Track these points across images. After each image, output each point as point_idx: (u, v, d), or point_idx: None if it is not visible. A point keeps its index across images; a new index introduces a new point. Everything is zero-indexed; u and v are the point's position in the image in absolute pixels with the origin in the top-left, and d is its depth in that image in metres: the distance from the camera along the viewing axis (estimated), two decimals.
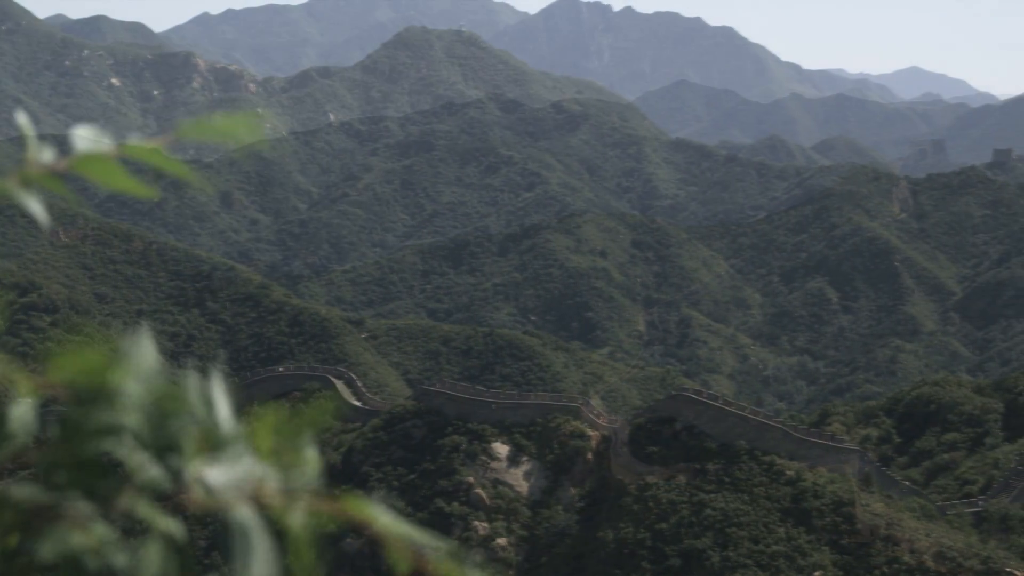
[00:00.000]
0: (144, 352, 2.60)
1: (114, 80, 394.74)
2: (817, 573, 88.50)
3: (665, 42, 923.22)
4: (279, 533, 2.56)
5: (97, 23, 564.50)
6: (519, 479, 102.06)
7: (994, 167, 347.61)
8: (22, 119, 2.59)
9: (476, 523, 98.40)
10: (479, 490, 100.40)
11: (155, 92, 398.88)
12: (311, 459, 2.76)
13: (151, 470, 2.49)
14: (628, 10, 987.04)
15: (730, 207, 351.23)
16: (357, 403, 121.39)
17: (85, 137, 2.69)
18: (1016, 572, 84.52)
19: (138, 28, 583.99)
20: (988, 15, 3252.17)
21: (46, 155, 2.60)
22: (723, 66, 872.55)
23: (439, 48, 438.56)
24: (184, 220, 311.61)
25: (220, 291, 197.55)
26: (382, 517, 2.73)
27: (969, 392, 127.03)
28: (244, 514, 2.51)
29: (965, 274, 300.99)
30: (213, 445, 2.66)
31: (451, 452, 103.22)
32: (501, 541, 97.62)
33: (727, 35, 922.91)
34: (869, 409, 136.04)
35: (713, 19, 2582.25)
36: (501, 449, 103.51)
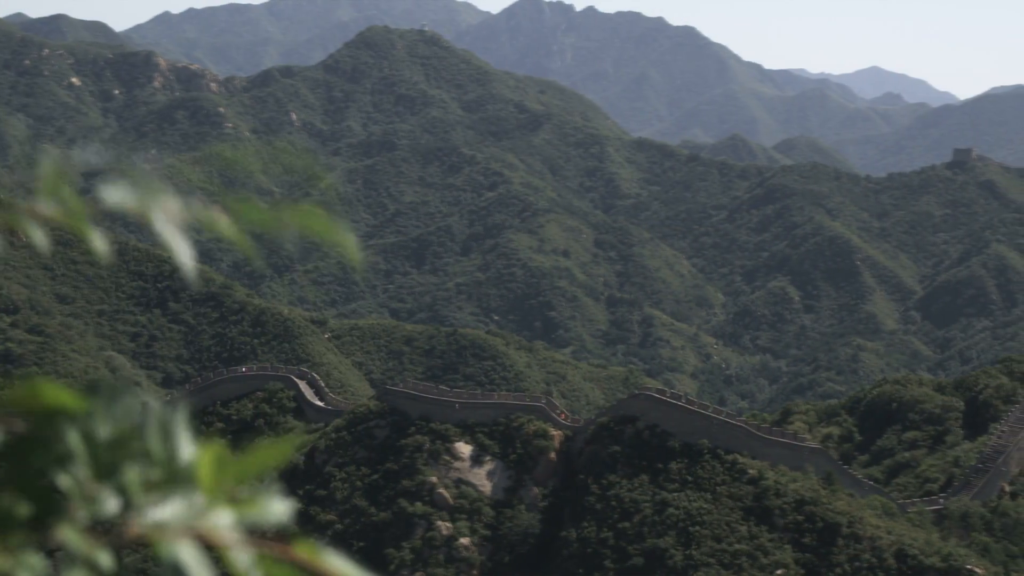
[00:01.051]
0: (108, 385, 2.59)
1: (74, 79, 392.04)
2: (779, 572, 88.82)
3: (627, 42, 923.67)
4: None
5: (57, 22, 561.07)
6: (482, 479, 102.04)
7: (954, 167, 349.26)
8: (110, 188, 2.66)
9: (439, 523, 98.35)
10: (442, 490, 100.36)
11: (116, 91, 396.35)
12: (271, 501, 2.69)
13: (94, 501, 2.45)
14: (590, 10, 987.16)
15: (692, 206, 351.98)
16: (320, 403, 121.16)
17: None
18: (976, 569, 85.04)
19: (98, 27, 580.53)
20: (948, 16, 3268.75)
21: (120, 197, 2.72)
22: (685, 66, 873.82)
23: (401, 48, 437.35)
24: (145, 220, 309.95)
25: (182, 291, 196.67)
26: (334, 564, 2.62)
27: (930, 390, 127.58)
28: (179, 550, 2.47)
29: (926, 273, 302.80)
30: (165, 480, 2.62)
31: (414, 452, 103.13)
32: (464, 541, 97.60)
33: (689, 35, 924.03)
34: (831, 408, 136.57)
35: (675, 19, 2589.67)
36: (464, 449, 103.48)
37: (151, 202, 2.93)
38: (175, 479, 2.64)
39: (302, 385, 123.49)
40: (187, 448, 2.69)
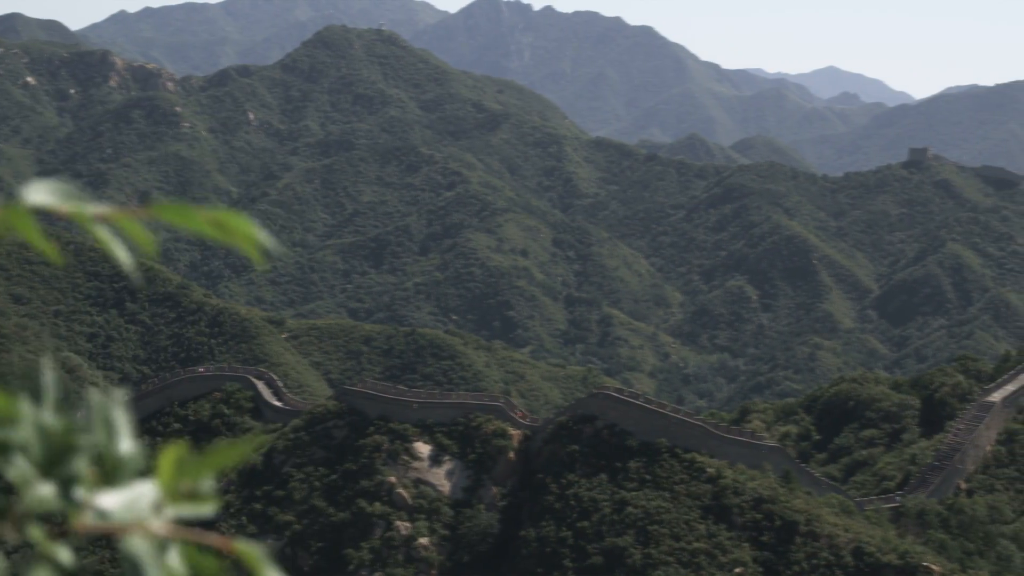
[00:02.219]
0: (48, 381, 2.56)
1: (29, 79, 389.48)
2: (738, 570, 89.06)
3: (585, 41, 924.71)
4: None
5: (12, 21, 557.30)
6: (441, 478, 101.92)
7: (910, 166, 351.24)
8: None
9: (398, 523, 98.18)
10: (401, 490, 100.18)
11: (72, 91, 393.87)
12: (209, 497, 2.71)
13: (43, 493, 2.45)
14: (548, 9, 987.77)
15: (650, 206, 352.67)
16: (278, 403, 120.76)
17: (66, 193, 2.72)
18: (933, 566, 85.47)
19: (54, 26, 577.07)
20: (904, 17, 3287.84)
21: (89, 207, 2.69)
22: (643, 65, 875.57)
23: (359, 47, 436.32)
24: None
25: (139, 291, 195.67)
26: (266, 570, 2.63)
27: (886, 389, 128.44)
28: (136, 544, 2.48)
29: (882, 272, 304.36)
30: (110, 472, 2.63)
31: (373, 452, 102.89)
32: (423, 541, 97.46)
33: (647, 34, 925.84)
34: (788, 406, 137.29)
35: (633, 19, 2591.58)
36: (423, 448, 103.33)
37: (75, 202, 2.85)
38: (120, 471, 2.64)
39: (260, 385, 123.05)
40: (127, 440, 2.71)
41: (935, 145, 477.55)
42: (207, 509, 2.70)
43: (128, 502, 2.57)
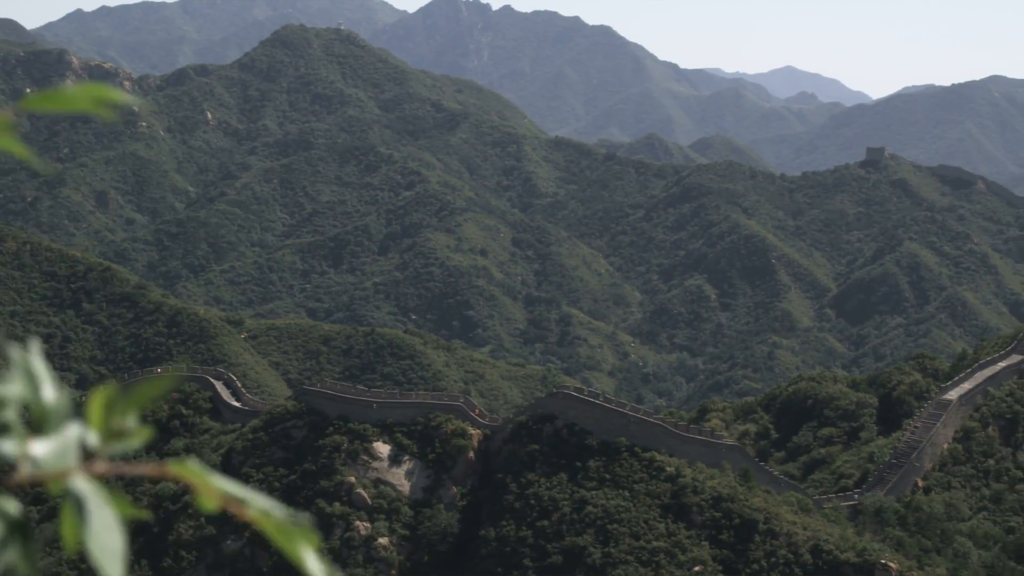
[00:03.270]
0: None
1: None
2: (697, 568, 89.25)
3: (544, 41, 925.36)
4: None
5: None
6: (401, 478, 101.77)
7: (867, 165, 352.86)
8: None
9: (358, 523, 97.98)
10: (360, 490, 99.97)
11: (28, 90, 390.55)
12: (139, 431, 2.75)
13: None
14: (507, 9, 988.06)
15: (609, 205, 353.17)
16: (236, 404, 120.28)
17: None
18: (891, 564, 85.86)
19: (10, 25, 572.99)
20: (861, 17, 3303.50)
21: None
22: (601, 65, 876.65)
23: (317, 46, 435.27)
24: (58, 220, 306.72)
25: (96, 292, 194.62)
26: (201, 472, 2.71)
27: (844, 387, 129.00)
28: (80, 485, 2.50)
29: (840, 271, 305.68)
30: (38, 420, 2.63)
31: (332, 452, 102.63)
32: (383, 541, 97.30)
33: (605, 34, 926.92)
34: (747, 405, 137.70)
35: (591, 18, 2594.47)
36: (382, 449, 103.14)
37: None
38: (50, 418, 2.65)
39: (218, 386, 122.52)
40: (49, 388, 2.71)
41: (892, 145, 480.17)
42: (135, 443, 2.75)
43: (60, 448, 2.58)
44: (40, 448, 2.57)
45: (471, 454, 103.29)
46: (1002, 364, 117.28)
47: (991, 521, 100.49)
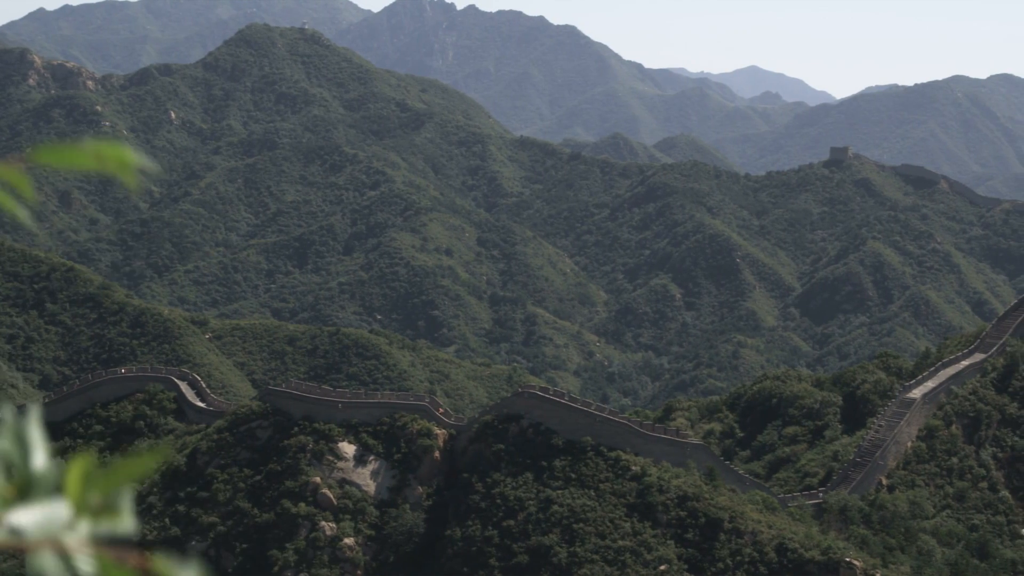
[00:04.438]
0: None
1: None
2: (663, 567, 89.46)
3: (509, 41, 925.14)
4: None
5: None
6: (366, 478, 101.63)
7: (831, 165, 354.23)
8: None
9: (323, 523, 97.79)
10: (326, 490, 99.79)
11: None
12: (125, 512, 2.65)
13: None
14: (471, 8, 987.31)
15: (574, 205, 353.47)
16: (201, 404, 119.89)
17: None
18: (855, 561, 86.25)
19: None
20: (824, 16, 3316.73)
21: None
22: (566, 65, 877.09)
23: (282, 46, 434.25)
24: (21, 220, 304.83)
25: (59, 292, 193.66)
26: None
27: (809, 386, 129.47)
28: (45, 560, 2.42)
29: (804, 270, 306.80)
30: (24, 488, 2.56)
31: (297, 452, 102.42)
32: (348, 541, 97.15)
33: (570, 34, 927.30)
34: (712, 404, 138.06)
35: (556, 18, 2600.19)
36: (348, 449, 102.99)
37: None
38: (32, 487, 2.58)
39: (183, 386, 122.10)
40: (41, 455, 2.65)
41: (855, 144, 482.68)
42: (124, 525, 2.65)
43: (42, 519, 2.51)
44: (20, 516, 2.52)
45: (437, 454, 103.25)
46: (965, 363, 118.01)
47: (954, 519, 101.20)
